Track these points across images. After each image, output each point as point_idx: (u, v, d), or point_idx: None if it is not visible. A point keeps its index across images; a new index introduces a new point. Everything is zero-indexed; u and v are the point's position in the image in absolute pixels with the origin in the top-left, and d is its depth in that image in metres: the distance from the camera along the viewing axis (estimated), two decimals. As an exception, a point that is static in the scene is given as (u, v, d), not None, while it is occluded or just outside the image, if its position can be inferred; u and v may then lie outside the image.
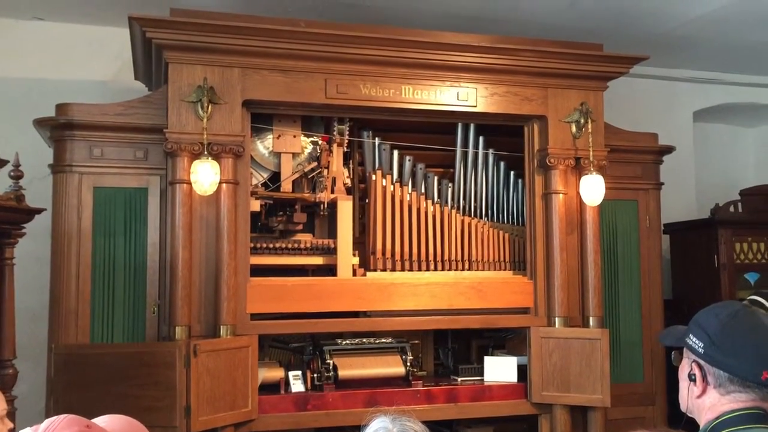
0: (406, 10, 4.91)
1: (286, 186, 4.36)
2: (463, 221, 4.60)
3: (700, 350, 1.68)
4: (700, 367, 1.69)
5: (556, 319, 4.39)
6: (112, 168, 3.97)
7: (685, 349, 1.75)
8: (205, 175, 3.74)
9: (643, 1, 4.91)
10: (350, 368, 4.29)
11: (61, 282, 3.86)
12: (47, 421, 1.96)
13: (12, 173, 3.25)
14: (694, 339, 1.70)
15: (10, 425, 2.55)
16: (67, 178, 3.91)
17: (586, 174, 4.35)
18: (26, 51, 5.03)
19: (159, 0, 4.43)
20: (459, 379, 4.49)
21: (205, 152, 3.79)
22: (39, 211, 3.36)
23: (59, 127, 3.93)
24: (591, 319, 4.43)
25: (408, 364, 4.37)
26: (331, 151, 4.45)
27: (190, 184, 3.80)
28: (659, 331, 4.68)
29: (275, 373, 4.21)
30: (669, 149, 4.97)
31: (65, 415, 2.04)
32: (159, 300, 3.94)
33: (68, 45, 5.07)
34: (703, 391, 1.69)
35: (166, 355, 3.60)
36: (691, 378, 1.71)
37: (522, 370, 4.46)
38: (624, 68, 4.58)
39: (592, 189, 4.32)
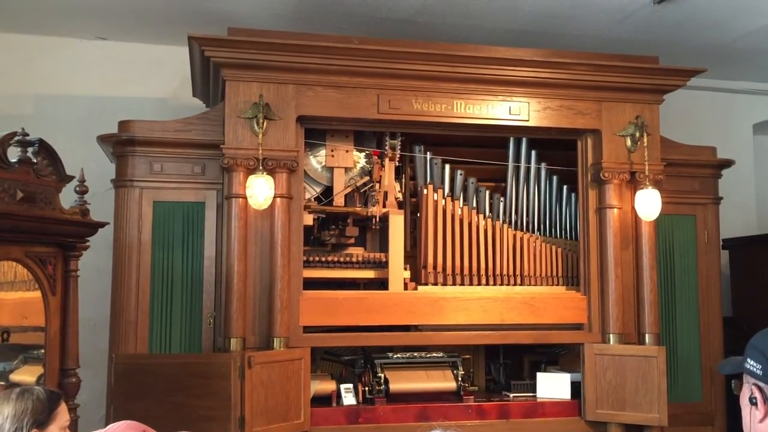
0: (459, 26, 4.93)
1: (339, 200, 4.42)
2: (515, 236, 4.57)
3: (759, 372, 1.64)
4: (761, 389, 1.65)
5: (611, 335, 4.32)
6: (171, 183, 4.08)
7: (744, 374, 1.71)
8: (260, 190, 3.82)
9: (702, 15, 4.81)
10: (401, 382, 4.30)
11: (121, 293, 3.98)
12: (108, 427, 2.05)
13: (77, 188, 3.36)
14: (752, 362, 1.66)
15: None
16: (129, 192, 4.04)
17: (642, 188, 4.28)
18: (89, 70, 5.23)
19: (216, 20, 4.58)
20: (511, 395, 4.45)
21: (260, 167, 3.87)
22: (103, 224, 3.46)
23: (122, 143, 4.07)
24: (647, 336, 4.34)
25: (459, 378, 4.36)
26: (383, 166, 4.50)
27: (246, 198, 3.88)
28: (718, 348, 4.63)
29: (327, 386, 4.24)
30: (728, 163, 4.86)
31: (125, 420, 2.13)
32: (215, 312, 4.02)
33: (129, 64, 5.26)
34: (766, 414, 1.65)
35: (222, 366, 3.67)
36: (752, 402, 1.67)
37: (575, 387, 4.39)
38: (680, 81, 4.50)
39: (648, 203, 4.25)
